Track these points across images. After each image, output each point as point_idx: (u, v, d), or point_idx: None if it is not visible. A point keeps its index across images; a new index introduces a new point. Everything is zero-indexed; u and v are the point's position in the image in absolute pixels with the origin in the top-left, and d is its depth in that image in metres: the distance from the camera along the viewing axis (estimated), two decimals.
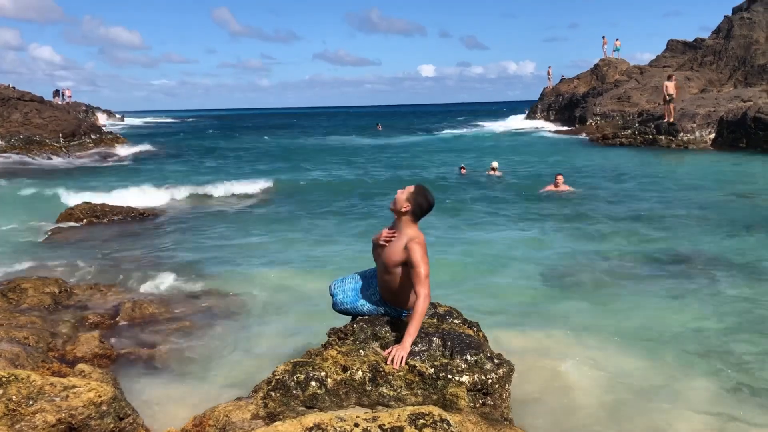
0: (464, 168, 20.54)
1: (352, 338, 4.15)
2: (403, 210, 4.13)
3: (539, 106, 50.94)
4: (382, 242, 4.24)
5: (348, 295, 4.42)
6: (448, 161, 25.47)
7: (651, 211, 12.94)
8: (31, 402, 3.32)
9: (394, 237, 4.17)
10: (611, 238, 10.71)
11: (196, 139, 46.21)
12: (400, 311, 4.31)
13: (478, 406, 3.76)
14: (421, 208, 4.15)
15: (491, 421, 3.50)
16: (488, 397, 3.84)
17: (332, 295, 4.52)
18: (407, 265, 4.03)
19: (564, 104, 46.49)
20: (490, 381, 3.85)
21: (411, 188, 4.20)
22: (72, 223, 12.82)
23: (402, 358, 3.82)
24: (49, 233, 11.97)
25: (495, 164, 19.96)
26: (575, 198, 14.94)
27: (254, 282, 8.32)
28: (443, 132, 50.79)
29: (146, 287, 8.03)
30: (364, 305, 4.36)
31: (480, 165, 22.31)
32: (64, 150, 27.87)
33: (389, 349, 3.91)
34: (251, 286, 8.11)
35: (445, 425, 3.09)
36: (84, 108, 55.41)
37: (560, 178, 16.02)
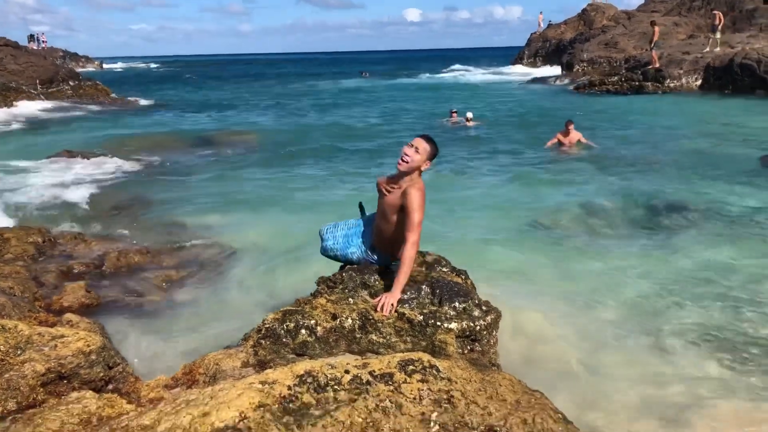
0: (455, 113, 19.80)
1: (341, 287, 4.16)
2: (424, 169, 4.06)
3: (526, 52, 50.42)
4: (384, 189, 4.15)
5: (339, 241, 4.41)
6: (429, 109, 25.22)
7: (638, 159, 12.96)
8: (19, 352, 3.30)
9: (395, 187, 4.07)
10: (596, 186, 10.72)
11: (177, 87, 45.37)
12: (389, 260, 4.31)
13: (466, 352, 3.80)
14: (431, 158, 4.10)
15: (479, 366, 3.54)
16: (476, 344, 3.88)
17: (322, 240, 4.49)
18: (403, 211, 3.98)
19: (551, 50, 46.02)
20: (478, 328, 3.89)
21: (425, 145, 4.02)
22: (52, 171, 12.63)
23: (392, 305, 3.83)
24: (30, 181, 11.78)
25: (469, 115, 19.25)
26: (572, 148, 14.63)
27: (241, 232, 8.29)
28: (426, 78, 50.22)
29: (131, 237, 7.97)
30: (354, 253, 4.36)
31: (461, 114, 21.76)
32: (41, 98, 27.23)
33: (379, 297, 3.92)
34: (238, 235, 8.07)
35: (434, 371, 3.11)
36: (61, 54, 54.08)
37: (571, 126, 14.43)
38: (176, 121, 22.66)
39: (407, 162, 3.98)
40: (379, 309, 3.83)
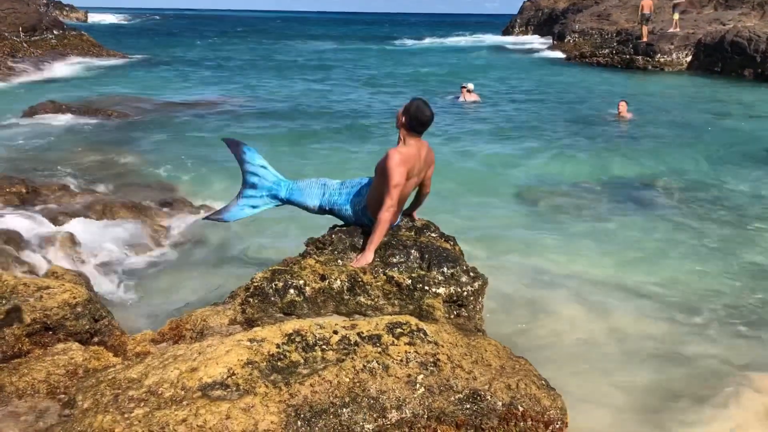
0: (465, 88, 18.21)
1: (330, 248, 4.15)
2: (400, 123, 4.10)
3: (518, 21, 49.96)
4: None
5: (342, 197, 4.41)
6: (423, 77, 25.02)
7: (632, 136, 12.99)
8: (4, 302, 3.27)
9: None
10: (589, 160, 10.75)
11: (163, 41, 44.51)
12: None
13: (453, 317, 3.83)
14: (416, 119, 4.06)
15: (465, 331, 3.57)
16: (463, 309, 3.91)
17: (322, 195, 4.48)
18: (383, 174, 3.99)
19: (543, 19, 45.62)
20: (465, 293, 3.91)
21: (406, 103, 4.13)
22: (35, 121, 12.41)
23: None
24: (11, 132, 11.58)
25: (470, 86, 18.07)
26: (581, 122, 14.57)
27: (230, 191, 8.20)
28: (416, 44, 49.67)
29: (116, 190, 7.88)
30: (348, 210, 4.36)
31: (453, 84, 21.23)
32: (25, 45, 26.54)
33: (354, 261, 3.96)
34: (227, 195, 7.99)
35: (421, 334, 3.14)
36: (44, 1, 52.61)
37: (623, 105, 14.85)
38: (162, 79, 22.27)
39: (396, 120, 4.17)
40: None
